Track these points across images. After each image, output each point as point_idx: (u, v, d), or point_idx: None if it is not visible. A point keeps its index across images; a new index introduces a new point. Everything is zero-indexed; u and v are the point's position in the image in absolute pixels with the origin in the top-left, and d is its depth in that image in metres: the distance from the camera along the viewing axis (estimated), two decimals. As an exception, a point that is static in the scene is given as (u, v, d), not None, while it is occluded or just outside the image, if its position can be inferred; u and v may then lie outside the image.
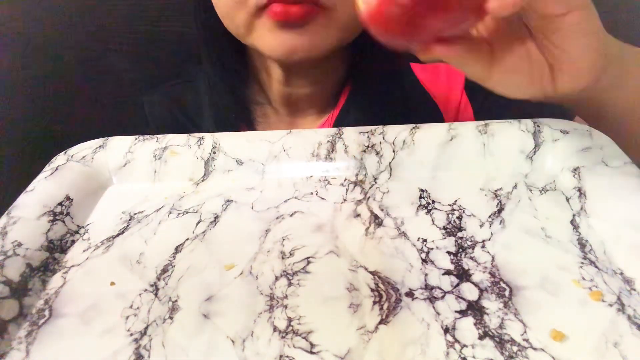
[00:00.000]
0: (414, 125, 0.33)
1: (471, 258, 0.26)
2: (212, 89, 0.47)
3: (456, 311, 0.23)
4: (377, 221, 0.29)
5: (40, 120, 0.61)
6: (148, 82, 0.60)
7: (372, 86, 0.45)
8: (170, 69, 0.59)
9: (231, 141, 0.34)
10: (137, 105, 0.56)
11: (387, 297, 0.24)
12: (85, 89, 0.60)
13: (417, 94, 0.46)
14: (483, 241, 0.27)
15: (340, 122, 0.46)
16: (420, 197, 0.30)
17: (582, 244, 0.26)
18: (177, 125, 0.51)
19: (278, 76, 0.44)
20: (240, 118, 0.47)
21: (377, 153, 0.33)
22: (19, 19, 0.55)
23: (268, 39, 0.36)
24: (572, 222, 0.28)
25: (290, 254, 0.27)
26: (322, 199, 0.31)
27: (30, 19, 0.55)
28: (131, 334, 0.23)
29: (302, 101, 0.46)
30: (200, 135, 0.35)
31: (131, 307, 0.25)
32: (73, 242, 0.29)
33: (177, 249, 0.28)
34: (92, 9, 0.56)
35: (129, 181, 0.34)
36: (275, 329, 0.23)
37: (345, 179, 0.32)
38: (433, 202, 0.30)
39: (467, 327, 0.22)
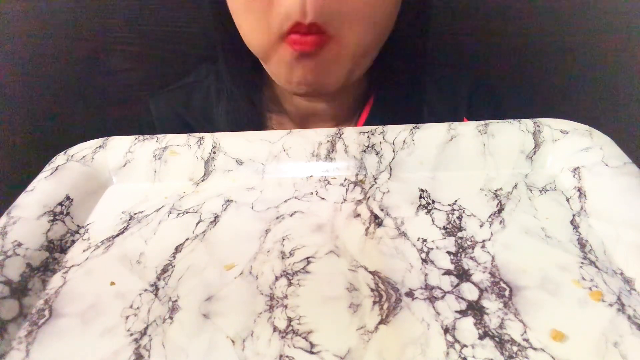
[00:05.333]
0: (414, 125, 0.33)
1: (471, 258, 0.26)
2: (228, 96, 0.46)
3: (456, 311, 0.23)
4: (377, 221, 0.29)
5: (40, 120, 0.61)
6: (149, 82, 0.60)
7: (396, 100, 0.44)
8: (172, 69, 0.59)
9: (231, 141, 0.34)
10: (139, 106, 0.55)
11: (387, 297, 0.24)
12: (85, 89, 0.60)
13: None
14: (483, 241, 0.27)
15: None
16: (420, 197, 0.30)
17: (582, 244, 0.26)
18: (184, 127, 0.50)
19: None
20: (254, 127, 0.46)
21: (377, 153, 0.33)
22: (20, 18, 0.55)
23: (284, 71, 0.37)
24: (572, 222, 0.28)
25: (290, 254, 0.27)
26: (322, 199, 0.31)
27: (30, 18, 0.55)
28: (131, 334, 0.23)
29: (317, 115, 0.46)
30: (200, 135, 0.35)
31: (131, 307, 0.25)
32: (73, 242, 0.29)
33: (177, 249, 0.28)
34: (93, 9, 0.56)
35: (129, 181, 0.34)
36: (275, 329, 0.23)
37: (345, 179, 0.32)
38: (433, 202, 0.30)
39: (467, 327, 0.22)
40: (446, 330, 0.22)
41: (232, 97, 0.46)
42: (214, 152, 0.34)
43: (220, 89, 0.47)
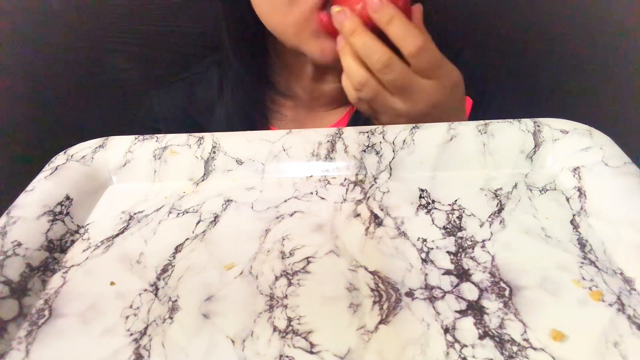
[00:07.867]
0: (413, 125, 0.33)
1: (471, 258, 0.26)
2: (236, 82, 0.47)
3: (456, 311, 0.23)
4: (377, 221, 0.29)
5: (40, 120, 0.61)
6: (149, 82, 0.60)
7: None
8: (172, 69, 0.59)
9: (231, 141, 0.34)
10: (140, 105, 0.55)
11: (387, 297, 0.24)
12: (85, 88, 0.60)
13: None
14: (483, 241, 0.27)
15: (357, 115, 0.47)
16: (420, 197, 0.30)
17: (582, 244, 0.26)
18: (186, 118, 0.50)
19: (309, 74, 0.45)
20: (260, 111, 0.48)
21: (377, 153, 0.33)
22: (19, 18, 0.55)
23: (313, 45, 0.39)
24: (572, 222, 0.28)
25: (290, 254, 0.27)
26: (322, 198, 0.31)
27: (29, 18, 0.55)
28: (131, 334, 0.23)
29: (326, 96, 0.48)
30: (200, 135, 0.35)
31: (131, 307, 0.25)
32: (73, 242, 0.29)
33: (177, 249, 0.28)
34: (93, 9, 0.56)
35: (129, 181, 0.34)
36: (275, 329, 0.23)
37: (345, 179, 0.32)
38: (433, 202, 0.30)
39: (467, 327, 0.22)
40: (446, 330, 0.22)
41: (241, 83, 0.47)
42: (214, 152, 0.34)
43: (225, 77, 0.48)
